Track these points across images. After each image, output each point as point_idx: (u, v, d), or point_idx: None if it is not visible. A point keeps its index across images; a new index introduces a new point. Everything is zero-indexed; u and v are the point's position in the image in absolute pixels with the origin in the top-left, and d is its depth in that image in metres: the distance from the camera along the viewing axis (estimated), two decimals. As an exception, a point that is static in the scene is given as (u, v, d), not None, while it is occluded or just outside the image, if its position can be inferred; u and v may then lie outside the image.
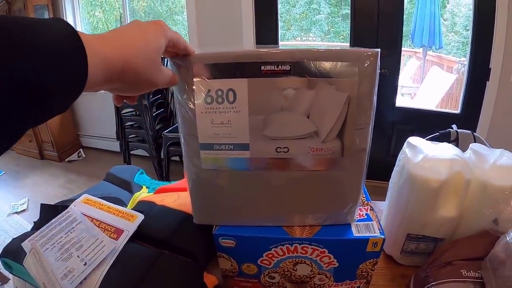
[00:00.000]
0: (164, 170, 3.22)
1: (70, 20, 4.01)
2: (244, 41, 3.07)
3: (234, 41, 3.10)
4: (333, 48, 0.54)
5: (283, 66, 0.52)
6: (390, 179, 0.79)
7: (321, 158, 0.57)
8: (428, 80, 4.53)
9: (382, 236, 0.60)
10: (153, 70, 0.43)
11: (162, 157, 3.22)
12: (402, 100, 4.10)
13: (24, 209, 3.03)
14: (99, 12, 4.34)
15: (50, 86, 0.30)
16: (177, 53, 0.52)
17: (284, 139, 0.56)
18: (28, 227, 0.75)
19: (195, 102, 0.55)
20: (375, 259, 0.63)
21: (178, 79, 0.53)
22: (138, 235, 0.68)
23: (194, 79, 0.54)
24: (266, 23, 3.06)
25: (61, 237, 0.64)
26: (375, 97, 0.55)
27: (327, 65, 0.52)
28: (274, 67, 0.52)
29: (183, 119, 0.58)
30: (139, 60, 0.40)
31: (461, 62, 4.07)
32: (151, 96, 3.23)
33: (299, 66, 0.52)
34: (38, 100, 0.29)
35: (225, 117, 0.55)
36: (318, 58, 0.52)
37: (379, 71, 0.54)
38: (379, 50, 0.53)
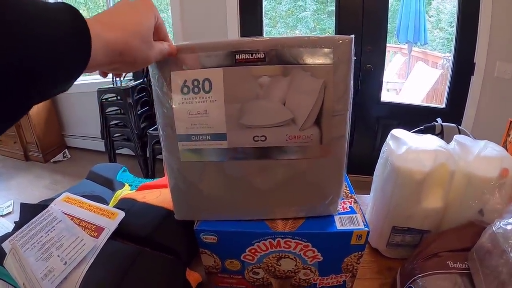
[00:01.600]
0: (150, 169, 3.20)
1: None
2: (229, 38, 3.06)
3: (219, 38, 3.08)
4: (307, 35, 0.54)
5: (257, 54, 0.53)
6: (374, 172, 0.79)
7: (299, 146, 0.57)
8: (413, 76, 4.58)
9: (366, 228, 0.59)
10: (148, 48, 0.46)
11: (147, 155, 3.19)
12: (387, 96, 4.14)
13: (10, 212, 2.98)
14: (84, 10, 4.29)
15: (55, 68, 0.32)
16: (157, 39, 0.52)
17: (261, 127, 0.56)
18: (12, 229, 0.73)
19: (172, 93, 0.55)
20: (360, 252, 0.62)
21: (175, 49, 0.53)
22: (119, 233, 0.67)
23: (171, 70, 0.54)
24: (251, 20, 3.06)
25: (41, 236, 0.63)
26: (351, 83, 0.56)
27: (301, 52, 0.53)
28: (249, 55, 0.53)
29: (161, 111, 0.58)
30: (135, 41, 0.42)
31: (446, 57, 4.11)
32: (135, 94, 3.20)
33: (273, 54, 0.53)
34: (43, 80, 0.32)
35: (202, 107, 0.55)
36: (292, 45, 0.53)
37: (354, 57, 0.55)
38: (352, 36, 0.54)
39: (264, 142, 0.57)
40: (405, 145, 0.69)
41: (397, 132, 0.75)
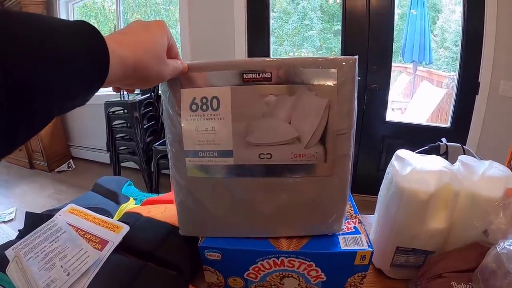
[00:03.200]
0: (154, 183, 3.20)
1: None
2: (236, 56, 3.09)
3: (227, 55, 3.12)
4: (312, 56, 0.55)
5: (264, 74, 0.54)
6: (379, 192, 0.79)
7: (304, 164, 0.58)
8: (418, 95, 4.58)
9: (370, 249, 0.59)
10: (161, 65, 0.47)
11: (152, 170, 3.20)
12: (392, 115, 4.14)
13: (12, 219, 3.00)
14: (94, 23, 4.34)
15: (74, 83, 0.33)
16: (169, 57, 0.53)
17: (266, 145, 0.57)
18: (15, 236, 0.74)
19: (181, 109, 0.57)
20: (363, 273, 0.62)
21: (186, 67, 0.55)
22: (123, 247, 0.67)
23: (181, 87, 0.56)
24: (259, 38, 3.09)
25: (45, 246, 0.64)
26: (355, 103, 0.57)
27: (307, 72, 0.54)
28: (256, 75, 0.55)
29: (169, 127, 0.59)
30: (148, 58, 0.44)
31: (451, 76, 4.12)
32: (142, 109, 3.23)
33: (280, 73, 0.54)
34: (62, 94, 0.33)
35: (209, 124, 0.56)
36: (297, 65, 0.54)
37: (358, 77, 0.56)
38: (356, 57, 0.55)
39: (270, 159, 0.57)
40: (409, 165, 0.69)
41: (401, 152, 0.76)
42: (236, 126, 0.56)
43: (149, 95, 3.36)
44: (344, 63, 0.54)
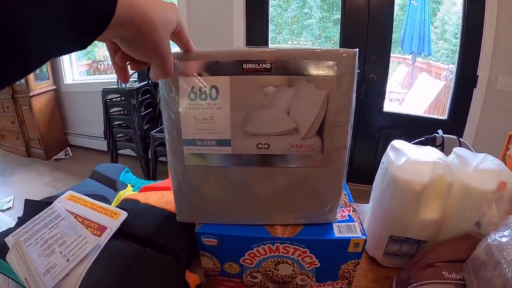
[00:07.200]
0: (151, 170, 3.21)
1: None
2: (234, 44, 3.08)
3: (225, 42, 3.11)
4: (312, 48, 0.55)
5: (264, 64, 0.54)
6: (374, 182, 0.80)
7: (301, 154, 0.58)
8: (416, 86, 4.59)
9: (364, 236, 0.60)
10: (164, 35, 0.44)
11: (149, 157, 3.21)
12: (390, 106, 4.14)
13: (10, 207, 3.00)
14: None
15: (80, 23, 0.32)
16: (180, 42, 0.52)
17: (264, 135, 0.57)
18: (13, 224, 0.74)
19: (179, 98, 0.56)
20: (357, 260, 0.63)
21: (172, 70, 0.50)
22: (121, 233, 0.68)
23: (179, 76, 0.55)
24: (257, 26, 3.08)
25: (44, 232, 0.64)
26: (354, 96, 0.57)
27: (306, 64, 0.54)
28: (255, 65, 0.54)
29: (168, 115, 0.59)
30: (156, 18, 0.41)
31: (450, 69, 4.12)
32: (139, 96, 3.22)
33: (280, 64, 0.54)
34: (67, 35, 0.32)
35: (208, 113, 0.56)
36: (297, 57, 0.54)
37: (357, 70, 0.56)
38: (357, 50, 0.55)
39: (267, 149, 0.58)
40: (404, 156, 0.70)
41: (397, 143, 0.76)
42: (234, 115, 0.56)
43: (146, 82, 3.35)
44: (344, 56, 0.54)
